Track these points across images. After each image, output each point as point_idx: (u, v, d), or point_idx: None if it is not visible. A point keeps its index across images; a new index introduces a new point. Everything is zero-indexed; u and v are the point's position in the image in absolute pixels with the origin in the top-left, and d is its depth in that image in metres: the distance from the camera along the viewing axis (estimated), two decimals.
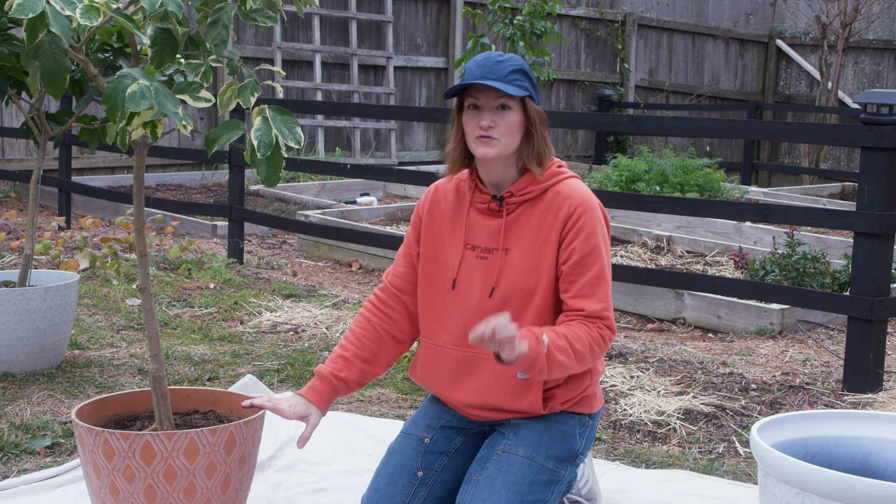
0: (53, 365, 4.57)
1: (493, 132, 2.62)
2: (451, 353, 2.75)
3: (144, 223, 2.83)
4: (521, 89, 2.62)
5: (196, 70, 2.62)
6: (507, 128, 2.63)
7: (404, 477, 2.76)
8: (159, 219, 7.54)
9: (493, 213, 2.73)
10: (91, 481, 2.74)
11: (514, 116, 2.64)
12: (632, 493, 3.39)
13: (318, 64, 11.42)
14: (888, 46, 14.13)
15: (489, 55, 2.66)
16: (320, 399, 2.77)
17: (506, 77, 2.61)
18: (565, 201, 2.67)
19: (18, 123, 9.76)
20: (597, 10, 13.67)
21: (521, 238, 2.69)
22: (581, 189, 2.71)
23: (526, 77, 2.66)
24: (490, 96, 2.62)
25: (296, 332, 5.37)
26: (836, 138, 6.20)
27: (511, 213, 2.71)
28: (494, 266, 2.70)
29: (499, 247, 2.70)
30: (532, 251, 2.67)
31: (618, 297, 6.19)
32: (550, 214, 2.67)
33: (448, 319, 2.76)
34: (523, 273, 2.67)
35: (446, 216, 2.80)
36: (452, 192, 2.82)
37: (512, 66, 2.63)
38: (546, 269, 2.66)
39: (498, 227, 2.71)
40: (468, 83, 2.61)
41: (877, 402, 4.40)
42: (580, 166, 12.54)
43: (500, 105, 2.63)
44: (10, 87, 4.29)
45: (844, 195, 11.71)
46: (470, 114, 2.66)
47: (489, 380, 2.72)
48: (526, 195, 2.70)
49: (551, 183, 2.70)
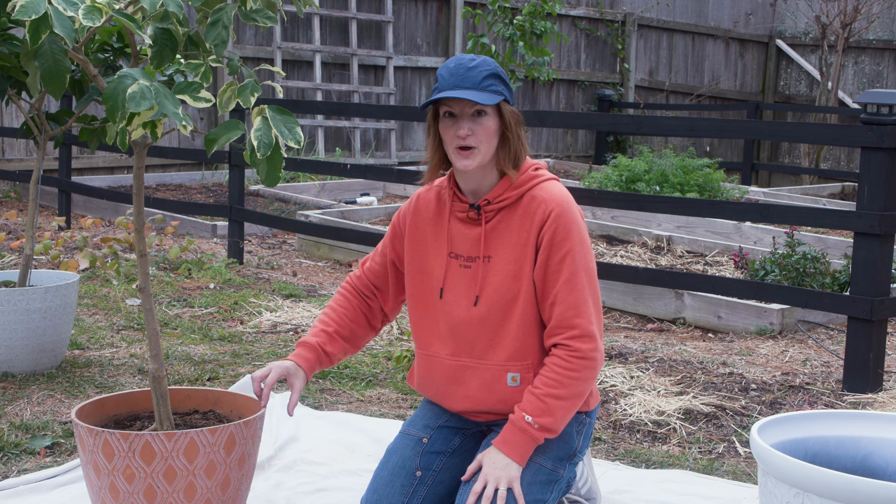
0: (53, 365, 4.57)
1: (471, 140, 2.61)
2: (442, 363, 2.78)
3: (144, 223, 2.83)
4: (495, 95, 2.61)
5: (196, 70, 2.62)
6: (485, 134, 2.62)
7: (403, 477, 2.76)
8: (159, 219, 7.54)
9: (472, 222, 2.73)
10: (91, 481, 2.74)
11: (491, 122, 2.63)
12: (632, 493, 3.39)
13: (318, 64, 11.42)
14: (888, 46, 14.13)
15: (461, 61, 2.63)
16: (308, 365, 2.82)
17: (480, 84, 2.60)
18: (540, 206, 2.66)
19: (18, 123, 9.76)
20: (597, 10, 13.67)
21: (502, 245, 2.69)
22: (557, 192, 2.69)
23: (500, 80, 2.64)
24: (466, 104, 2.61)
25: (296, 332, 5.37)
26: (836, 138, 6.20)
27: (490, 221, 2.70)
28: (477, 275, 2.70)
29: (480, 255, 2.70)
30: (513, 258, 2.67)
31: (618, 297, 6.19)
32: (527, 220, 2.67)
33: (437, 329, 2.78)
34: (506, 280, 2.67)
35: (429, 225, 2.80)
36: (434, 200, 2.81)
37: (485, 72, 2.61)
38: (527, 275, 2.66)
39: (478, 235, 2.71)
40: (442, 96, 2.59)
41: (877, 402, 4.40)
42: (580, 166, 12.55)
43: (477, 111, 2.62)
44: (10, 87, 4.29)
45: (844, 195, 11.71)
46: (446, 122, 2.65)
47: (479, 389, 2.74)
48: (503, 202, 2.69)
49: (528, 188, 2.69)
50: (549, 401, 2.59)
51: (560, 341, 2.62)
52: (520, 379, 2.69)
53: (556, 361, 2.61)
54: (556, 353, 2.62)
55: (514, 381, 2.69)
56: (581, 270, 2.63)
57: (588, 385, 2.64)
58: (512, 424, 2.62)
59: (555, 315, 2.62)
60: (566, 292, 2.61)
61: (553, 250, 2.63)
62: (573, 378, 2.60)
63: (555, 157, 13.28)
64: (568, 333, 2.61)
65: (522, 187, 2.68)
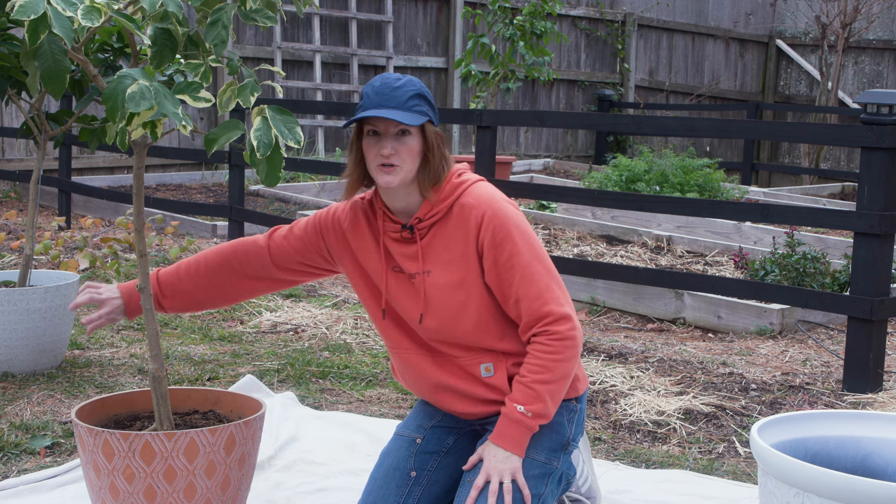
0: (53, 365, 4.57)
1: (394, 159, 2.61)
2: (418, 363, 2.78)
3: (144, 223, 2.83)
4: (420, 115, 2.61)
5: (196, 70, 2.62)
6: (408, 154, 2.62)
7: (398, 478, 2.77)
8: (159, 219, 7.54)
9: (407, 241, 2.73)
10: (91, 481, 2.74)
11: (414, 142, 2.63)
12: (632, 492, 3.39)
13: (318, 64, 11.42)
14: (888, 46, 14.13)
15: (386, 80, 2.64)
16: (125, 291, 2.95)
17: (405, 104, 2.60)
18: (471, 212, 2.66)
19: (18, 123, 9.76)
20: (597, 10, 13.67)
21: (440, 257, 2.69)
22: (484, 194, 2.69)
23: (424, 101, 2.64)
24: (390, 123, 2.61)
25: (296, 332, 5.37)
26: (836, 138, 6.20)
27: (424, 237, 2.71)
28: (420, 290, 2.70)
29: (420, 270, 2.71)
30: (454, 268, 2.68)
31: (618, 297, 6.19)
32: (461, 229, 2.67)
33: (397, 334, 2.79)
34: (449, 291, 2.68)
35: (368, 240, 2.79)
36: (362, 217, 2.80)
37: (410, 92, 2.62)
38: (472, 283, 2.67)
39: (414, 252, 2.71)
40: (367, 115, 2.59)
41: (877, 402, 4.40)
42: (580, 166, 12.55)
43: (401, 131, 2.62)
44: (10, 87, 4.29)
45: (844, 195, 11.72)
46: (370, 140, 2.64)
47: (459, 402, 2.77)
48: (434, 217, 2.69)
49: (455, 197, 2.69)
50: (537, 387, 2.61)
51: (538, 330, 2.63)
52: (493, 368, 2.70)
53: (538, 348, 2.63)
54: (536, 341, 2.63)
55: (488, 372, 2.70)
56: (532, 260, 2.64)
57: (572, 365, 2.65)
58: (505, 417, 2.63)
59: (523, 311, 2.63)
60: (526, 286, 2.62)
61: (497, 251, 2.63)
62: (557, 360, 2.61)
63: (555, 157, 13.28)
64: (543, 322, 2.63)
65: (449, 198, 2.69)
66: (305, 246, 2.88)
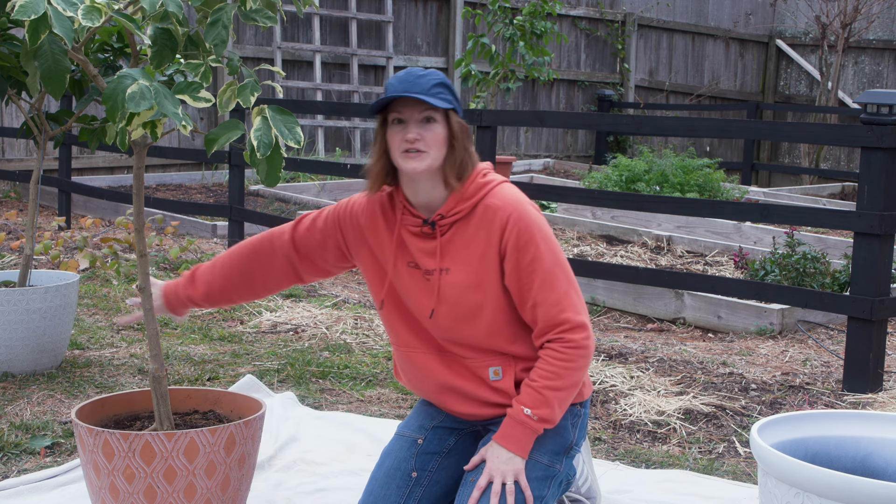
0: (53, 365, 4.57)
1: (420, 144, 2.59)
2: (425, 362, 2.76)
3: (144, 223, 2.83)
4: (445, 102, 2.61)
5: (196, 70, 2.62)
6: (434, 140, 2.61)
7: (398, 479, 2.77)
8: (159, 219, 7.54)
9: (426, 236, 2.71)
10: (91, 481, 2.74)
11: (440, 129, 2.62)
12: (632, 492, 3.39)
13: (318, 64, 11.42)
14: (888, 46, 14.13)
15: (410, 71, 2.64)
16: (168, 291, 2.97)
17: (429, 90, 2.60)
18: (496, 214, 2.64)
19: (18, 123, 9.76)
20: (597, 10, 13.67)
21: (459, 256, 2.68)
22: (510, 196, 2.68)
23: (448, 91, 2.64)
24: (415, 109, 2.60)
25: (296, 332, 5.37)
26: (836, 138, 6.20)
27: (445, 234, 2.69)
28: (434, 287, 2.69)
29: (437, 267, 2.69)
30: (473, 268, 2.66)
31: (618, 297, 6.19)
32: (484, 230, 2.65)
33: (405, 330, 2.78)
34: (466, 291, 2.66)
35: (383, 233, 2.78)
36: (378, 210, 2.79)
37: (434, 80, 2.62)
38: (490, 284, 2.65)
39: (433, 248, 2.69)
40: (393, 97, 2.58)
41: (877, 402, 4.40)
42: (580, 166, 12.55)
43: (426, 118, 2.61)
44: (10, 87, 4.29)
45: (844, 195, 11.72)
46: (395, 128, 2.63)
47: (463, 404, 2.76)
48: (457, 215, 2.67)
49: (480, 197, 2.67)
50: (546, 392, 2.61)
51: (553, 337, 2.62)
52: (502, 372, 2.70)
53: (551, 354, 2.62)
54: (550, 347, 2.63)
55: (496, 375, 2.70)
56: (554, 266, 2.63)
57: (583, 373, 2.65)
58: (511, 418, 2.63)
59: (540, 316, 2.62)
60: (546, 292, 2.62)
61: (520, 255, 2.62)
62: (569, 368, 2.61)
63: (555, 157, 13.28)
64: (559, 329, 2.62)
65: (474, 197, 2.67)
66: (325, 239, 2.87)
